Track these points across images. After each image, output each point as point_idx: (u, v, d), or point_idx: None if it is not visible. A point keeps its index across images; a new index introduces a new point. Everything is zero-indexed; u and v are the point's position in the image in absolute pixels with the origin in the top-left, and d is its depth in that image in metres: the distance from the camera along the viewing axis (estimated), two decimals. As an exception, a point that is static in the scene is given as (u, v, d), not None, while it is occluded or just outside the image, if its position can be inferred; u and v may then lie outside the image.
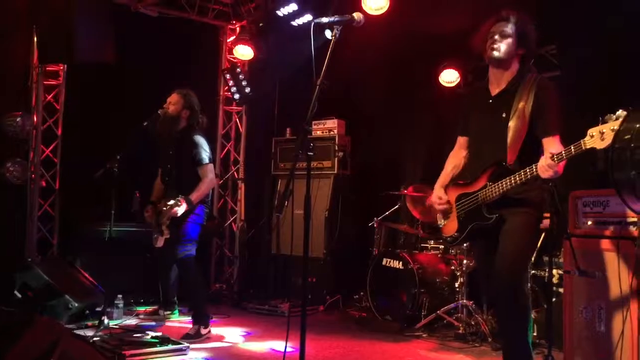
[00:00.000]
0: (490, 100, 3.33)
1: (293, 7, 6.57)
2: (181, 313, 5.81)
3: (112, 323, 5.06)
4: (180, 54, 7.00)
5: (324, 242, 6.64)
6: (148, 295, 6.16)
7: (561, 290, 4.31)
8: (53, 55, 5.97)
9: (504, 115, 3.20)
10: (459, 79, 6.33)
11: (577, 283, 3.85)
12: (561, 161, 2.87)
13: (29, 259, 5.93)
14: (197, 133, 5.08)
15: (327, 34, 3.05)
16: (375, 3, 5.76)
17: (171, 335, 4.69)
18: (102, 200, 5.32)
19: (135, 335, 4.68)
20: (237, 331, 5.33)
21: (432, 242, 6.01)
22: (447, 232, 3.47)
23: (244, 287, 7.17)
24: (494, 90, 3.33)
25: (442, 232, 3.51)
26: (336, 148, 6.79)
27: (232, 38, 7.64)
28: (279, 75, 7.26)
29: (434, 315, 5.35)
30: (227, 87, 7.55)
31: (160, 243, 4.92)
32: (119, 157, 4.94)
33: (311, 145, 2.85)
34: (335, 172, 6.79)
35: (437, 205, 3.49)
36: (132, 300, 6.10)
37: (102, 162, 4.98)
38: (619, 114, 2.69)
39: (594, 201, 3.84)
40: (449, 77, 6.36)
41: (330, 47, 2.92)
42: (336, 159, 6.78)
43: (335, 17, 2.95)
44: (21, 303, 5.24)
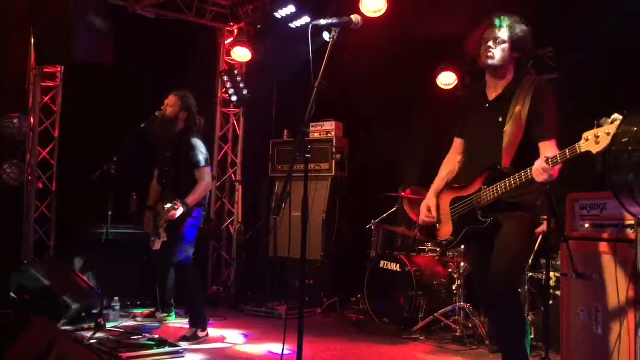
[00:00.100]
0: (487, 105, 3.31)
1: (291, 9, 6.57)
2: (178, 315, 5.80)
3: (109, 325, 5.05)
4: (178, 56, 6.99)
5: (322, 245, 6.64)
6: (145, 298, 6.16)
7: (558, 293, 4.32)
8: (51, 56, 5.95)
9: (500, 120, 3.19)
10: (456, 82, 6.34)
11: (575, 286, 3.85)
12: (556, 165, 2.85)
13: (26, 261, 5.92)
14: (194, 135, 5.06)
15: (325, 36, 3.06)
16: (373, 5, 5.76)
17: (168, 337, 4.68)
18: (99, 202, 5.31)
19: (132, 337, 4.67)
20: (235, 334, 5.32)
21: (430, 244, 6.01)
22: (442, 236, 3.45)
23: (242, 289, 7.16)
24: (491, 95, 3.31)
25: (438, 236, 3.49)
26: (334, 150, 6.79)
27: (230, 40, 7.63)
28: (276, 77, 7.25)
29: (432, 317, 5.34)
30: (224, 89, 7.54)
31: (158, 246, 4.91)
32: (116, 159, 4.92)
33: (309, 147, 2.85)
34: (333, 174, 6.80)
35: (424, 217, 3.47)
36: (129, 303, 6.09)
37: (99, 164, 4.96)
38: (614, 118, 2.68)
39: (592, 204, 3.84)
40: (447, 79, 6.37)
41: (328, 49, 2.91)
42: (334, 161, 6.79)
43: (333, 19, 2.95)
44: (17, 305, 5.23)
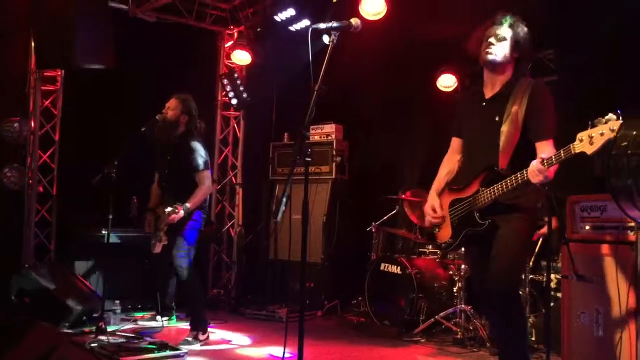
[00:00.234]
0: (484, 103, 3.28)
1: (291, 12, 6.57)
2: (179, 319, 5.80)
3: (109, 329, 5.04)
4: (178, 59, 7.00)
5: (322, 247, 6.64)
6: (146, 301, 6.16)
7: (559, 295, 4.32)
8: (51, 60, 5.96)
9: (497, 119, 3.16)
10: (456, 84, 6.33)
11: (575, 288, 3.85)
12: (551, 166, 2.82)
13: (26, 265, 5.93)
14: (194, 139, 5.07)
15: (325, 39, 3.06)
16: (373, 8, 5.76)
17: (169, 341, 4.69)
18: (100, 205, 5.32)
19: (133, 341, 4.67)
20: (235, 337, 5.31)
21: (430, 246, 6.01)
22: (441, 238, 3.43)
23: (242, 292, 7.16)
24: (488, 93, 3.28)
25: (437, 238, 3.47)
26: (334, 153, 6.79)
27: (230, 43, 7.64)
28: (276, 80, 7.25)
29: (432, 320, 5.33)
30: (224, 92, 7.55)
31: (158, 249, 4.91)
32: (116, 162, 4.92)
33: (309, 150, 2.85)
34: (333, 177, 6.80)
35: (429, 218, 3.44)
36: (130, 306, 6.10)
37: (99, 168, 4.97)
38: (608, 118, 2.64)
39: (592, 206, 3.85)
40: (447, 82, 6.36)
41: (328, 52, 2.92)
42: (334, 163, 6.79)
43: (333, 22, 2.95)
44: (18, 309, 5.23)
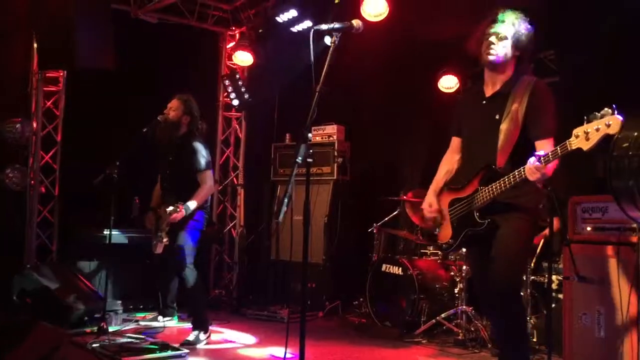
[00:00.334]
0: (484, 102, 3.25)
1: (293, 13, 6.58)
2: (180, 319, 5.80)
3: (111, 329, 5.05)
4: (180, 60, 7.01)
5: (324, 248, 6.64)
6: (147, 301, 6.16)
7: (561, 296, 4.31)
8: (53, 61, 5.96)
9: (497, 117, 3.13)
10: (458, 85, 6.33)
11: (577, 289, 3.85)
12: (548, 163, 2.78)
13: (28, 265, 5.93)
14: (196, 139, 5.08)
15: (327, 41, 3.05)
16: (375, 9, 5.77)
17: (170, 341, 4.69)
18: (102, 206, 5.32)
19: (135, 341, 4.68)
20: (237, 337, 5.31)
21: (432, 247, 6.00)
22: (442, 239, 3.39)
23: (244, 293, 7.16)
24: (489, 91, 3.25)
25: (437, 239, 3.44)
26: (335, 154, 6.79)
27: (232, 44, 7.65)
28: (278, 81, 7.26)
29: (434, 321, 5.33)
30: (226, 93, 7.55)
31: (160, 249, 4.91)
32: (118, 163, 4.93)
33: (310, 151, 2.86)
34: (335, 177, 6.80)
35: (426, 213, 3.43)
36: (132, 306, 6.10)
37: (101, 168, 4.98)
38: (604, 112, 2.60)
39: (593, 207, 3.85)
40: (448, 83, 6.36)
41: (330, 53, 2.92)
42: (335, 164, 6.79)
43: (335, 23, 2.95)
44: (20, 309, 5.23)
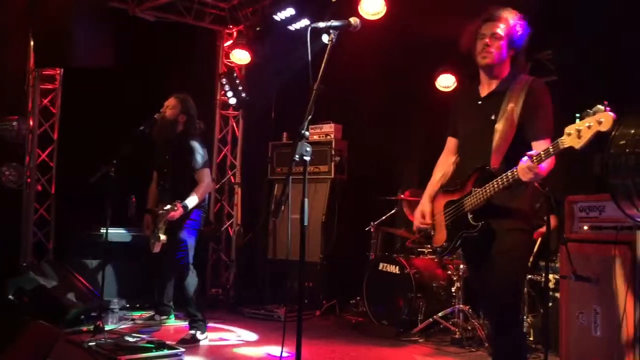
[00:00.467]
0: (480, 102, 3.17)
1: (290, 11, 6.57)
2: (177, 318, 5.79)
3: (107, 328, 5.04)
4: (177, 59, 7.00)
5: (321, 247, 6.64)
6: (144, 300, 6.15)
7: (557, 295, 4.32)
8: (49, 59, 5.95)
9: (493, 118, 3.04)
10: (455, 84, 6.32)
11: (574, 288, 3.85)
12: (540, 162, 2.68)
13: (25, 264, 5.92)
14: (193, 138, 5.07)
15: (324, 39, 3.04)
16: (372, 8, 5.77)
17: (167, 340, 4.68)
18: (98, 204, 5.30)
19: (131, 340, 4.67)
20: (234, 336, 5.32)
21: (429, 246, 6.00)
22: (436, 242, 3.28)
23: (241, 291, 7.16)
24: (484, 91, 3.17)
25: (433, 242, 3.33)
26: (333, 153, 6.78)
27: (229, 42, 7.63)
28: (275, 80, 7.26)
29: (431, 320, 5.33)
30: (223, 92, 7.54)
31: (157, 248, 4.91)
32: (115, 161, 4.92)
33: (308, 149, 2.84)
34: (332, 176, 6.79)
35: (417, 222, 3.33)
36: (128, 305, 6.09)
37: (98, 167, 4.96)
38: (596, 109, 2.52)
39: (590, 206, 3.85)
40: (446, 82, 6.35)
41: (327, 51, 2.89)
42: (333, 163, 6.78)
43: (332, 21, 2.93)
44: (17, 308, 5.22)
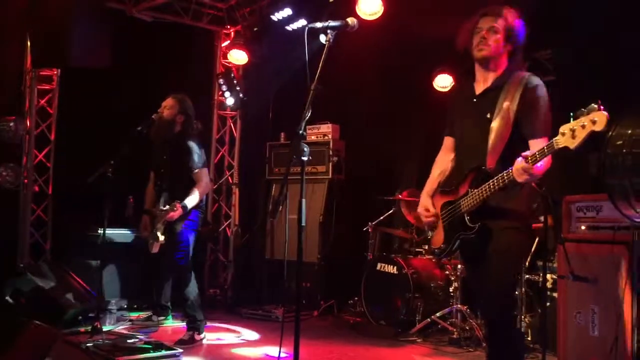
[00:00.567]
0: (475, 100, 3.10)
1: (287, 12, 6.57)
2: (175, 318, 5.79)
3: (105, 328, 5.03)
4: (175, 59, 6.98)
5: (318, 247, 6.63)
6: (141, 301, 6.14)
7: (555, 295, 4.32)
8: (48, 59, 5.93)
9: (488, 116, 2.98)
10: (453, 84, 6.32)
11: (571, 288, 3.86)
12: (535, 163, 2.64)
13: (22, 265, 5.91)
14: (191, 138, 5.07)
15: (322, 39, 3.03)
16: (370, 8, 5.77)
17: (165, 340, 4.68)
18: (96, 205, 5.29)
19: (129, 340, 4.66)
20: (232, 336, 5.31)
21: (427, 246, 6.01)
22: (434, 244, 3.24)
23: (238, 292, 7.15)
24: (479, 88, 3.11)
25: (431, 244, 3.30)
26: (330, 153, 6.78)
27: (227, 43, 7.63)
28: (273, 80, 7.25)
29: (428, 320, 5.34)
30: (221, 92, 7.53)
31: (156, 249, 4.90)
32: (112, 161, 4.91)
33: (305, 149, 2.84)
34: (330, 176, 6.78)
35: (423, 218, 3.27)
36: (126, 306, 6.08)
37: (95, 167, 4.95)
38: (590, 108, 2.48)
39: (588, 206, 3.85)
40: (443, 82, 6.35)
41: (325, 51, 2.90)
42: (330, 163, 6.78)
43: (330, 22, 2.94)
44: (14, 309, 5.21)
